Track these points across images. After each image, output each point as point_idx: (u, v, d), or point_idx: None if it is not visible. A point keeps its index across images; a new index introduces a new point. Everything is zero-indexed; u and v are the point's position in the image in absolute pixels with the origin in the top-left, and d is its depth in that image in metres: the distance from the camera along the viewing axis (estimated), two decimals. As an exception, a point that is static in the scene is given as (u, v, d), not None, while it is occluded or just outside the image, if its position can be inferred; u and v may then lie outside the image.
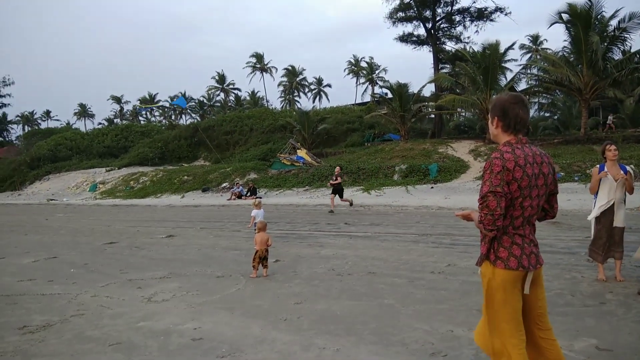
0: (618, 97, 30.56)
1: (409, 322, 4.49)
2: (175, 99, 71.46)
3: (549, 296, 4.99)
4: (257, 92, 71.78)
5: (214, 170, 32.10)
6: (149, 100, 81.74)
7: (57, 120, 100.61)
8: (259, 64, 73.78)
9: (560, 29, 24.33)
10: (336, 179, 16.15)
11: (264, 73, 74.36)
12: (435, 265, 6.92)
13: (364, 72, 70.27)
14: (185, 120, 77.48)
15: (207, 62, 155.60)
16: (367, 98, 60.08)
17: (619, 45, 24.03)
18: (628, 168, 5.58)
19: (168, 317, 5.02)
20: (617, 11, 23.41)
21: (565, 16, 23.67)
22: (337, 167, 16.73)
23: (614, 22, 23.55)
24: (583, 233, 8.76)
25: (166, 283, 6.60)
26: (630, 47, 25.23)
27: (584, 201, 13.70)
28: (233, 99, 76.87)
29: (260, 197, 22.06)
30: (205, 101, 77.42)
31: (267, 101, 72.54)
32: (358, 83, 73.16)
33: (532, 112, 42.42)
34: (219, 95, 78.14)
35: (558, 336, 3.72)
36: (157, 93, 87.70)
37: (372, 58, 70.35)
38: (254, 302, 5.46)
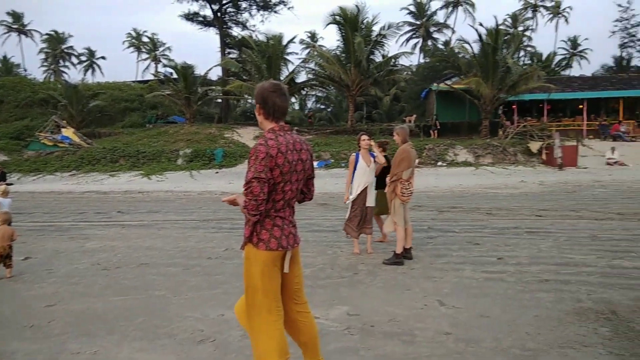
0: (378, 94, 35.79)
1: (179, 311, 4.31)
2: None
3: (314, 271, 5.48)
4: (11, 57, 59.38)
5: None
6: None
7: None
8: (17, 24, 61.55)
9: (335, 28, 27.08)
10: None
11: (22, 36, 62.49)
12: (213, 250, 6.87)
13: (146, 47, 65.37)
14: None
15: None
16: (150, 76, 56.19)
17: (380, 50, 28.07)
18: (374, 153, 6.63)
19: None
20: (375, 17, 27.48)
21: (338, 18, 26.38)
22: None
23: (376, 28, 27.39)
24: (347, 213, 9.89)
25: None
26: (388, 52, 29.81)
27: (348, 185, 15.56)
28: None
29: (12, 184, 18.57)
30: None
31: (25, 70, 60.86)
32: (139, 59, 67.62)
33: (310, 104, 46.59)
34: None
35: (318, 307, 4.09)
36: None
37: (155, 34, 65.62)
38: (-10, 310, 4.49)
